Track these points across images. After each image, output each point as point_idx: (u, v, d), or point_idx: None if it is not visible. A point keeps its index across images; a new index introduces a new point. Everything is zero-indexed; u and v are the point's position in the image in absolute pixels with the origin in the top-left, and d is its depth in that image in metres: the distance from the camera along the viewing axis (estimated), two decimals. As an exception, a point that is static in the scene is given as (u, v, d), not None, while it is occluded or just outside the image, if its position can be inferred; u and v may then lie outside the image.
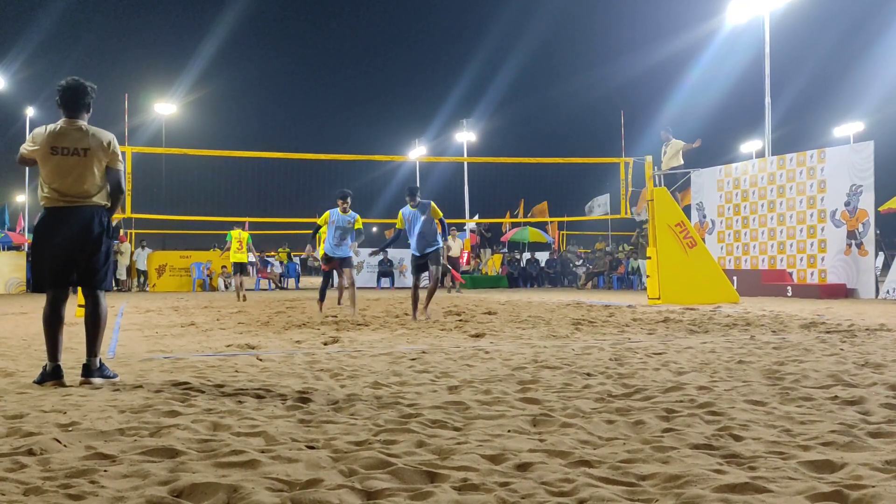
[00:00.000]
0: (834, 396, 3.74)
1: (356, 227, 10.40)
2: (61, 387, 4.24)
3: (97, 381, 4.34)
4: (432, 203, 9.40)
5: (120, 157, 4.66)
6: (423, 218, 9.29)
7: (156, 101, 36.23)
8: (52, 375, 4.32)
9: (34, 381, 4.33)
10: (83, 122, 4.55)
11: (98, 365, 4.43)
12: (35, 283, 4.55)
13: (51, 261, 4.45)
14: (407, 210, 9.46)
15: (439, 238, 9.41)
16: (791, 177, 16.68)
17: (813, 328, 7.67)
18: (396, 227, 9.83)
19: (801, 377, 4.37)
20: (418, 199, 9.41)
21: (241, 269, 16.09)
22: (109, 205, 4.61)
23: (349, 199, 10.13)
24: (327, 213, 10.27)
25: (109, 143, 4.56)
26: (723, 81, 43.77)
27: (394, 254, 26.90)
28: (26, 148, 4.53)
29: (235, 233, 15.85)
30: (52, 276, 4.46)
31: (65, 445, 2.81)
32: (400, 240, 10.44)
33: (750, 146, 38.88)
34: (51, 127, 4.51)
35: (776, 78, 19.70)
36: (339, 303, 13.71)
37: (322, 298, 10.72)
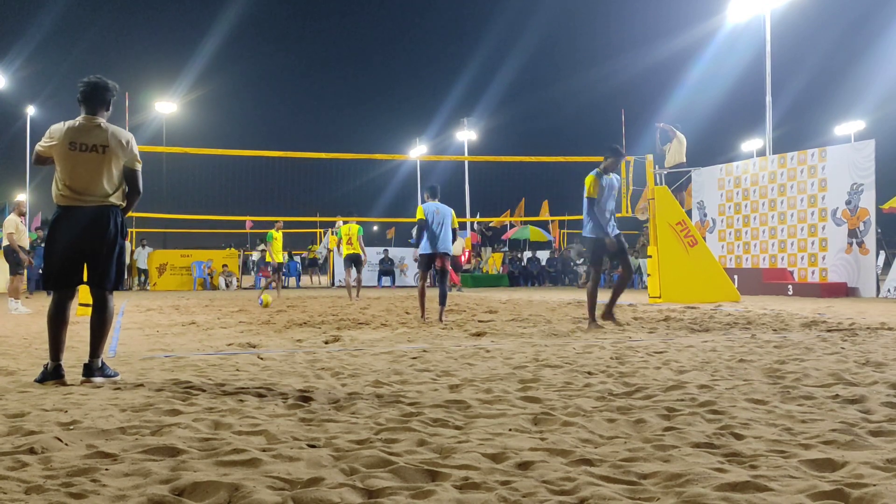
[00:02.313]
0: (835, 395, 3.73)
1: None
2: (62, 386, 4.24)
3: (98, 380, 4.33)
4: None
5: (138, 157, 4.56)
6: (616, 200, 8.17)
7: (157, 100, 36.33)
8: (53, 374, 4.31)
9: (35, 380, 4.32)
10: (102, 120, 4.48)
11: (100, 364, 4.42)
12: (45, 282, 4.52)
13: (62, 260, 4.40)
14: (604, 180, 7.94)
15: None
16: (792, 175, 16.67)
17: (814, 327, 7.66)
18: (590, 196, 7.92)
19: (802, 376, 4.37)
20: None
21: (279, 268, 16.42)
22: (125, 205, 4.55)
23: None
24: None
25: (128, 142, 4.49)
26: (724, 80, 43.77)
27: (394, 252, 26.95)
28: (43, 144, 4.43)
29: (279, 234, 16.18)
30: (63, 276, 4.43)
31: (66, 444, 2.81)
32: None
33: (751, 145, 38.92)
34: (70, 123, 4.43)
35: (777, 76, 19.71)
36: (351, 298, 13.86)
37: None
